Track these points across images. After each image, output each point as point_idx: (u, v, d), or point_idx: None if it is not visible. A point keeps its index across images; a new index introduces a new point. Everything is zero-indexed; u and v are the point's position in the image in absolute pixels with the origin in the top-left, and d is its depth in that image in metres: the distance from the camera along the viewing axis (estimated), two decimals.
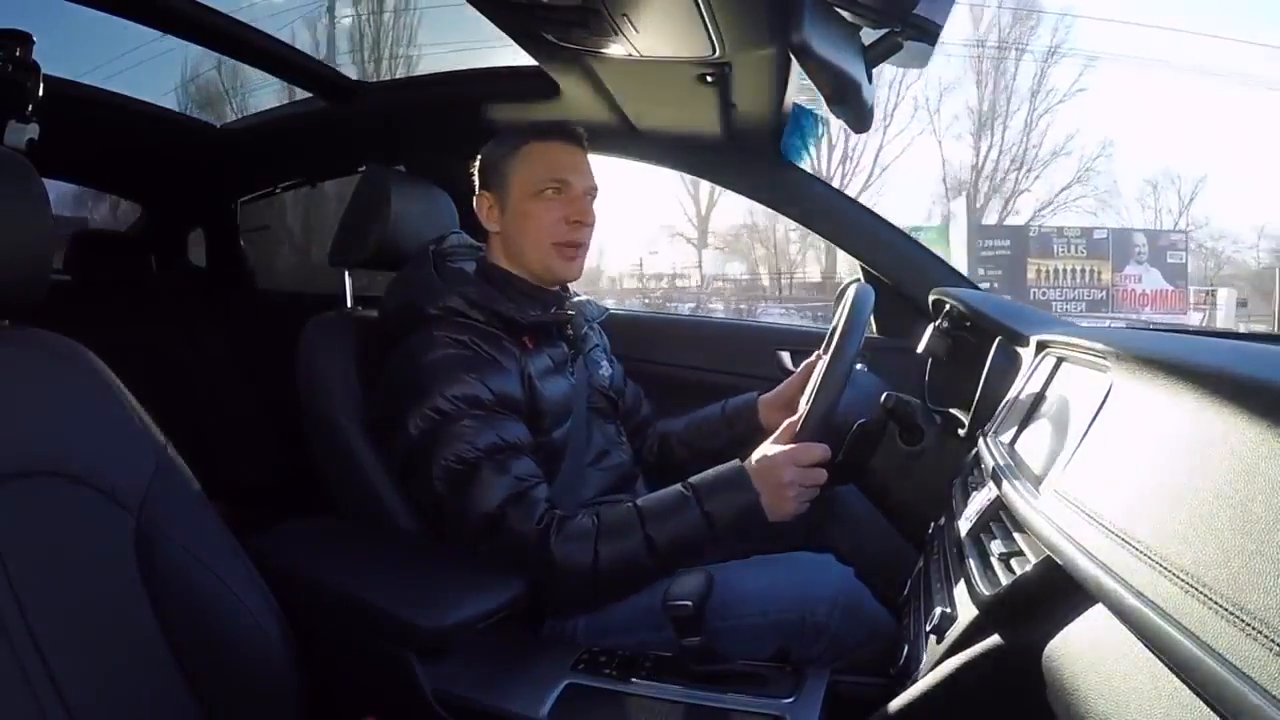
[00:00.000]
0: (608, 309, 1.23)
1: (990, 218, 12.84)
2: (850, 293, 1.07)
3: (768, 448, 0.97)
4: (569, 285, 1.16)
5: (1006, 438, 0.72)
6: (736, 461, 0.96)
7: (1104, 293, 10.65)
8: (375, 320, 1.12)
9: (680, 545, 0.92)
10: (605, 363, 1.21)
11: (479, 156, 1.11)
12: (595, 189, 1.09)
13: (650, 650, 0.87)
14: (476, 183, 1.10)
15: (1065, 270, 10.94)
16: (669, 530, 0.91)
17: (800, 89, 1.26)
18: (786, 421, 0.99)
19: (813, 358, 1.17)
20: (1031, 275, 10.96)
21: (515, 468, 0.94)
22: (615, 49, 1.05)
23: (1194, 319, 10.25)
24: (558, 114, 1.33)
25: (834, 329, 1.07)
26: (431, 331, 0.99)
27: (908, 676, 0.68)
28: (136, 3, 1.24)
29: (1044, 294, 10.87)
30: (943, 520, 0.84)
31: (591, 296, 1.24)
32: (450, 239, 1.11)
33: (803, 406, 0.99)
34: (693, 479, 0.95)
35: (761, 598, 0.93)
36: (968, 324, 1.09)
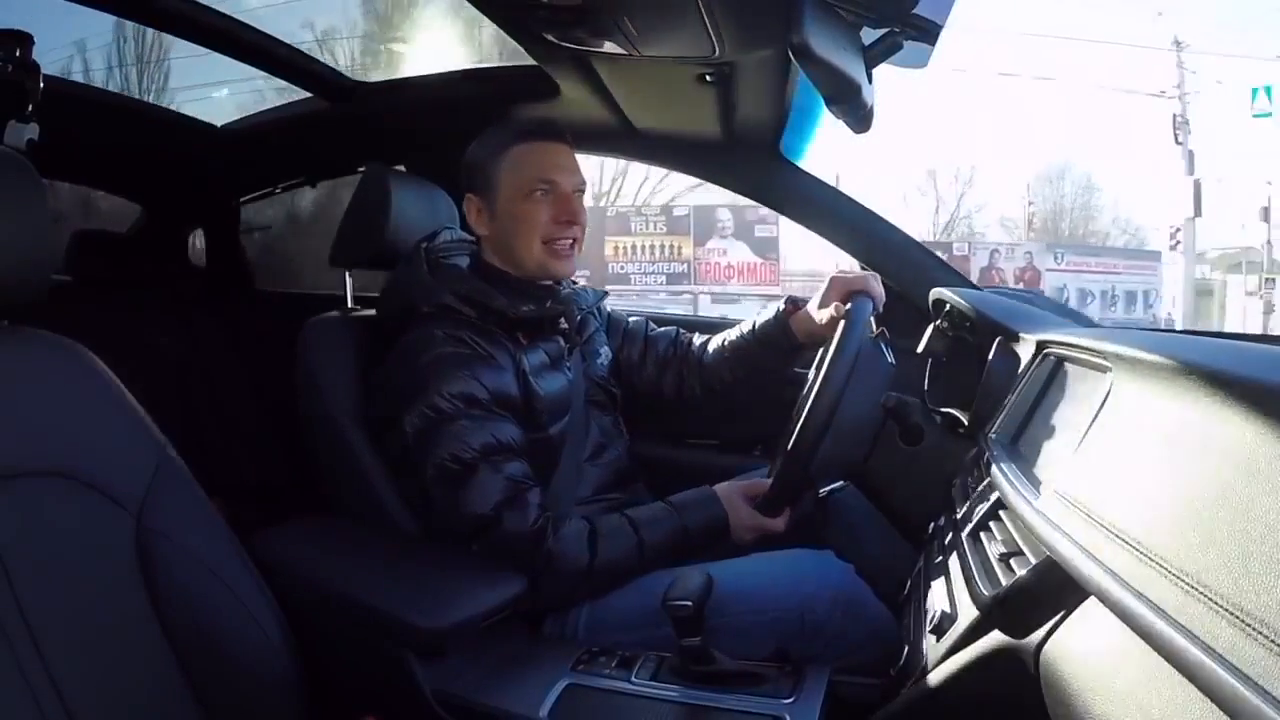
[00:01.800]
0: (605, 292, 1.25)
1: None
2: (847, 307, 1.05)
3: (734, 497, 1.03)
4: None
5: (1006, 438, 0.72)
6: (708, 488, 1.05)
7: (685, 265, 11.44)
8: (374, 320, 1.12)
9: (664, 550, 0.99)
10: (604, 349, 1.21)
11: (464, 158, 1.10)
12: (584, 185, 1.09)
13: (650, 650, 0.87)
14: (463, 185, 1.10)
15: (644, 246, 11.65)
16: (657, 536, 0.98)
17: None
18: (755, 480, 1.05)
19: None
20: (609, 251, 11.58)
21: (510, 469, 0.95)
22: (615, 49, 1.05)
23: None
24: (558, 114, 1.33)
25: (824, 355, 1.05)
26: (427, 330, 0.99)
27: (908, 676, 0.68)
28: (137, 3, 1.24)
29: (622, 268, 11.61)
30: (943, 520, 0.83)
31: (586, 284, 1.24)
32: (443, 235, 1.11)
33: (776, 466, 1.03)
34: (671, 498, 1.04)
35: (760, 595, 0.94)
36: (968, 324, 1.08)
